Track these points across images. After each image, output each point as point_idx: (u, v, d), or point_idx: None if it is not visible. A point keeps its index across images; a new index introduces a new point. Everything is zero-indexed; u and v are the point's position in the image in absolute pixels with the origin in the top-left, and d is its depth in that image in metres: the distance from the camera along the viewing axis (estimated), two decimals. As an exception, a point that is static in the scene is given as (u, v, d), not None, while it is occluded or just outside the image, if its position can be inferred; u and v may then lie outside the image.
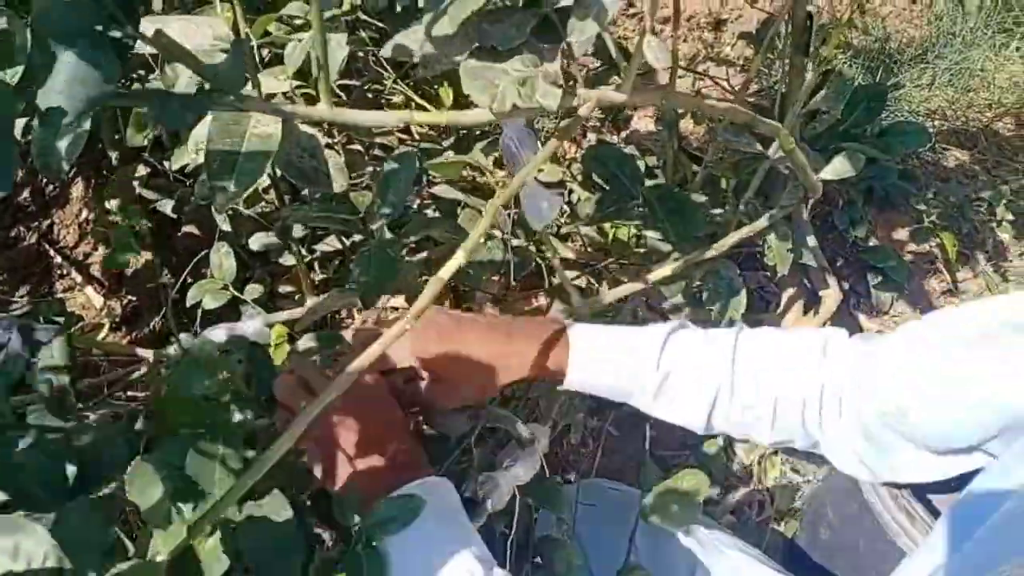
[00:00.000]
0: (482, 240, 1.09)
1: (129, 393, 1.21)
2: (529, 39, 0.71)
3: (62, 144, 0.79)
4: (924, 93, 1.85)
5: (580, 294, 0.96)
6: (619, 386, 0.82)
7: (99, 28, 0.55)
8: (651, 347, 0.80)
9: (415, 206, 1.33)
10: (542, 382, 0.92)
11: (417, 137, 1.35)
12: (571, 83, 0.72)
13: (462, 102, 1.27)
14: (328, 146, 1.20)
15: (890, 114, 1.76)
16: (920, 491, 0.96)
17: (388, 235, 0.87)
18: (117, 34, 0.58)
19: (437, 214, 1.40)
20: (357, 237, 1.24)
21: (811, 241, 1.15)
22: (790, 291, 1.31)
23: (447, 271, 0.65)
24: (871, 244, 1.50)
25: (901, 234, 1.56)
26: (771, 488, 1.22)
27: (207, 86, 0.70)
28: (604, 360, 0.81)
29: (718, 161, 1.16)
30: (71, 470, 0.60)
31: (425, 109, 1.29)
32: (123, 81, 0.90)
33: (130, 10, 0.56)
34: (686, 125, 1.70)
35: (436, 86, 1.38)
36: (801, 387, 0.79)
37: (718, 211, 1.09)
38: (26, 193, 1.55)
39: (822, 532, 1.10)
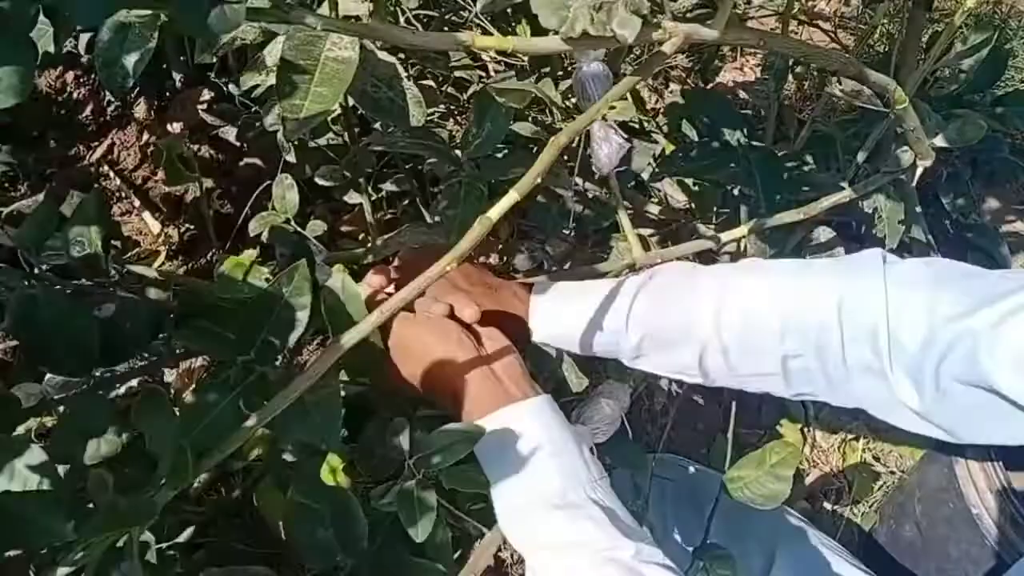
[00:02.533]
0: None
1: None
2: None
3: (128, 59, 0.73)
4: (1038, 62, 1.71)
5: (643, 246, 0.88)
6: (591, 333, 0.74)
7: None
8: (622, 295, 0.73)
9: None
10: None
11: (494, 74, 1.27)
12: (657, 15, 0.64)
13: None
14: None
15: (1002, 82, 1.62)
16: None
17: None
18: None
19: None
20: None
21: (919, 213, 1.05)
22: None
23: (497, 211, 0.59)
24: (972, 221, 1.39)
25: (1005, 212, 1.45)
26: (850, 475, 1.14)
27: None
28: (567, 299, 0.76)
29: (825, 118, 1.06)
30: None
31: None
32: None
33: None
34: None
35: (514, 23, 1.29)
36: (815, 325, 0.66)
37: (823, 174, 0.99)
38: (87, 111, 1.51)
39: (907, 530, 1.02)
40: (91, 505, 0.46)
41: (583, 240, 1.26)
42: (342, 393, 0.58)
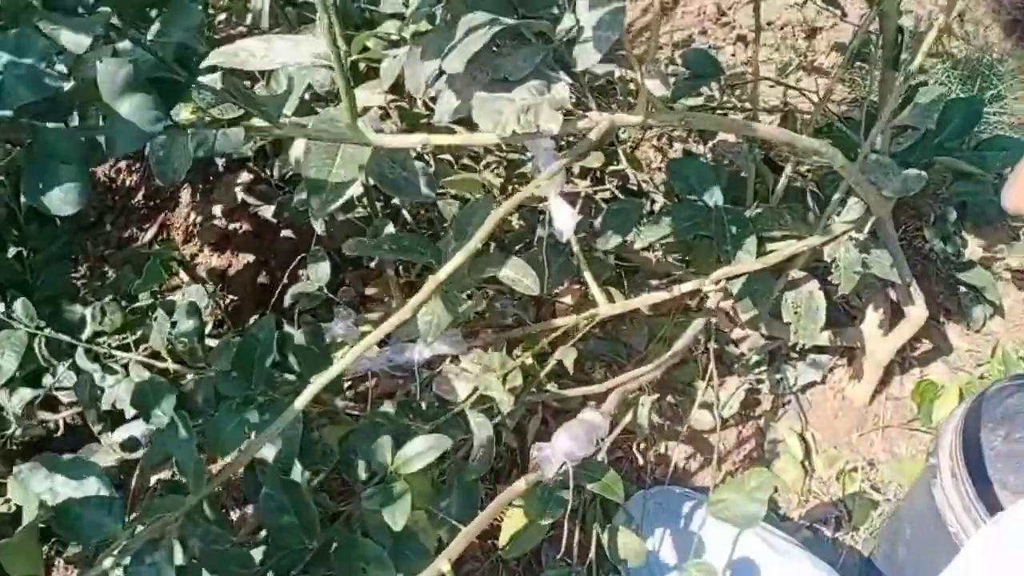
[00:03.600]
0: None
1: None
2: (540, 69, 0.76)
3: (177, 157, 0.87)
4: (1026, 105, 1.79)
5: (606, 298, 0.99)
6: None
7: (148, 79, 0.67)
8: None
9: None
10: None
11: (504, 148, 1.39)
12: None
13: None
14: (419, 157, 1.25)
15: (990, 126, 1.71)
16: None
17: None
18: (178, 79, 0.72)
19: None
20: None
21: (889, 257, 1.13)
22: (874, 306, 1.29)
23: (444, 272, 0.75)
24: (963, 261, 1.47)
25: (997, 251, 1.52)
26: (849, 504, 1.21)
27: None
28: None
29: (804, 173, 1.16)
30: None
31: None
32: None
33: (186, 62, 0.73)
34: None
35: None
36: None
37: (797, 226, 1.09)
38: (139, 197, 1.66)
39: (900, 551, 1.09)
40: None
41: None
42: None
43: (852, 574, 1.13)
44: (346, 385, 1.18)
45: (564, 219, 0.91)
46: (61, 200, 0.60)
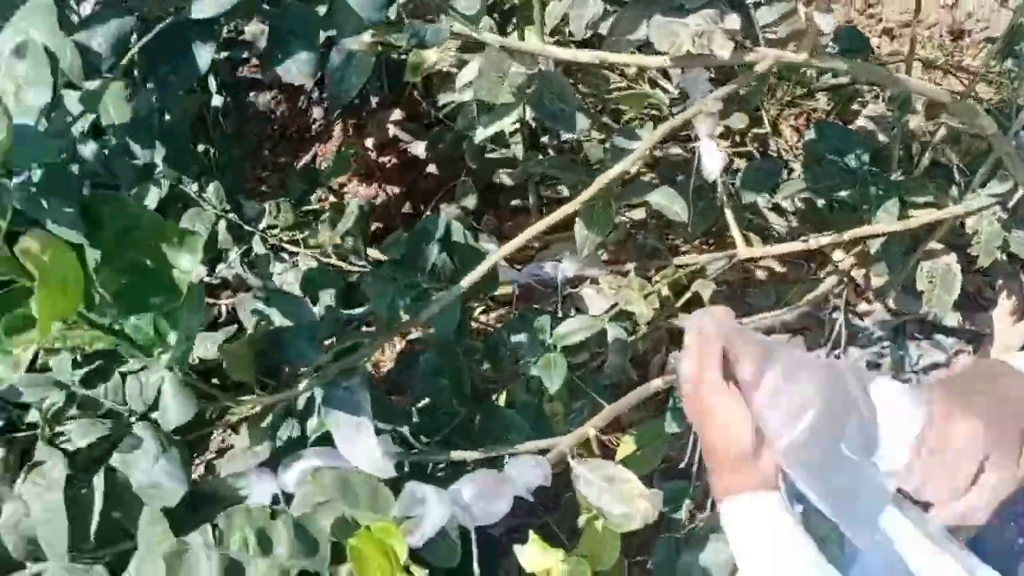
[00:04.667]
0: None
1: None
2: (714, 1, 0.80)
3: (352, 78, 0.95)
4: None
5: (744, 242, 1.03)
6: None
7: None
8: None
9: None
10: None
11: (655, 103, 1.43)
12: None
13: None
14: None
15: None
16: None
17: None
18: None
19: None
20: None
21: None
22: (1008, 293, 1.28)
23: (602, 180, 0.83)
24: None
25: None
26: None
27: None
28: None
29: (949, 146, 1.16)
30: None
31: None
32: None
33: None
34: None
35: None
36: None
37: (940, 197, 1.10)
38: (295, 129, 1.78)
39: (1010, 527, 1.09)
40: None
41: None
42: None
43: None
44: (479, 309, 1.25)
45: (713, 160, 0.95)
46: (296, 69, 0.68)
